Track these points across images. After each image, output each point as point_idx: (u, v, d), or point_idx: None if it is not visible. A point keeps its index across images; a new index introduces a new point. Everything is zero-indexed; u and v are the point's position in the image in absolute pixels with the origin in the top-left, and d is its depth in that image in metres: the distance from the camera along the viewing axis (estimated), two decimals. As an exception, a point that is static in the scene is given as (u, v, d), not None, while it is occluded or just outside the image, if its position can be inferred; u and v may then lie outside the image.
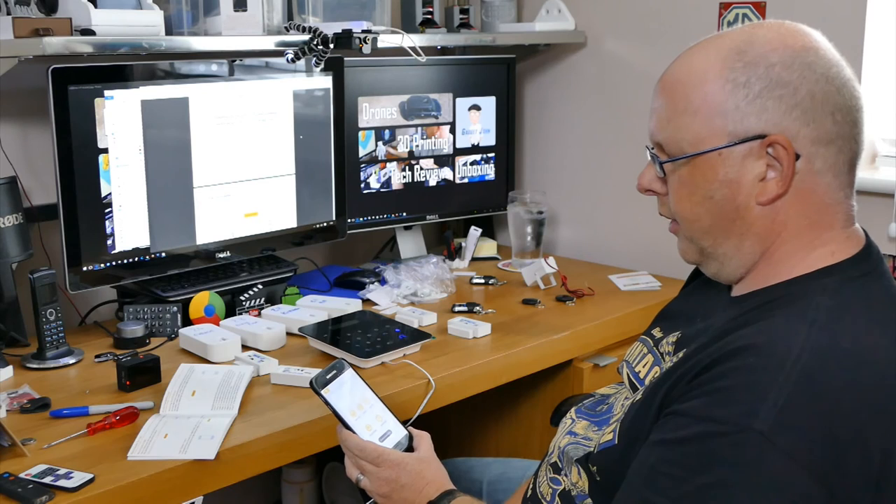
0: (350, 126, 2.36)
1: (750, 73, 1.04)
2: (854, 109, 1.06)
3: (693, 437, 0.97)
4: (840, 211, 1.08)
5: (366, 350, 1.76)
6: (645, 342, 1.28)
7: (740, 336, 1.01)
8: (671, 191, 1.12)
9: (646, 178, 1.16)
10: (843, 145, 1.05)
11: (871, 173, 2.16)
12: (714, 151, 1.06)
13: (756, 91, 1.04)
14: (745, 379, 0.96)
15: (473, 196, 2.64)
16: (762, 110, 1.03)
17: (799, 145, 1.03)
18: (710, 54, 1.07)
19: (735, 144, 1.05)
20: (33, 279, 1.75)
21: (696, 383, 1.00)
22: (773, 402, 0.93)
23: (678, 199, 1.12)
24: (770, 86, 1.03)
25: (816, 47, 1.06)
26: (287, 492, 2.49)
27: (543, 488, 1.27)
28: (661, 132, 1.11)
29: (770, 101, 1.03)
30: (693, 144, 1.07)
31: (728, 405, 0.95)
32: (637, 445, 1.06)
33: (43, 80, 1.78)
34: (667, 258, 1.97)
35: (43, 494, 1.26)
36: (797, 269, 1.08)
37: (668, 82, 1.10)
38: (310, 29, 2.07)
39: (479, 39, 2.51)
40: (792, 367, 0.95)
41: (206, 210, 2.07)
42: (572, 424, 1.28)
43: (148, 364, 1.67)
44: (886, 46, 2.13)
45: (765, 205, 1.06)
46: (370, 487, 1.28)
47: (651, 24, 2.44)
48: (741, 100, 1.04)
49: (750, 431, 0.93)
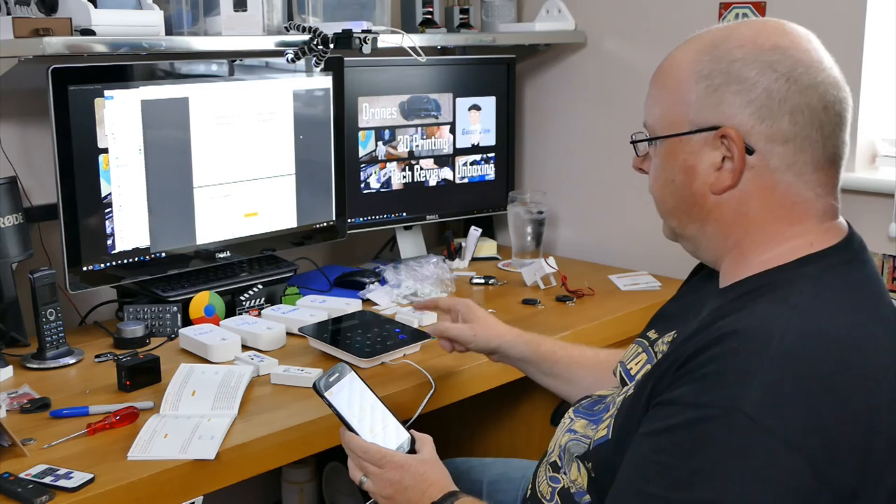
0: (350, 126, 2.36)
1: (713, 66, 1.09)
2: (823, 111, 1.06)
3: (681, 425, 0.98)
4: (812, 208, 1.09)
5: (366, 350, 1.76)
6: (640, 343, 1.29)
7: (724, 324, 1.02)
8: (649, 172, 1.20)
9: (637, 158, 1.23)
10: (803, 145, 1.06)
11: (871, 173, 2.16)
12: (675, 137, 1.12)
13: (716, 84, 1.08)
14: (730, 363, 0.97)
15: (473, 196, 2.64)
16: (719, 103, 1.08)
17: (753, 140, 1.07)
18: (690, 47, 1.13)
19: (693, 133, 1.10)
20: (33, 279, 1.75)
21: (683, 372, 1.01)
22: (759, 384, 0.94)
23: (651, 180, 1.19)
24: (728, 80, 1.07)
25: (786, 47, 1.07)
26: (287, 492, 2.49)
27: (543, 487, 1.27)
28: (645, 113, 1.19)
29: (727, 95, 1.08)
30: (663, 127, 1.14)
31: (714, 390, 0.97)
32: (629, 439, 1.07)
33: (43, 80, 1.78)
34: (667, 258, 1.97)
35: (43, 494, 1.26)
36: (775, 260, 1.09)
37: (657, 70, 1.18)
38: (310, 29, 2.07)
39: (479, 39, 2.51)
40: (776, 349, 0.96)
41: (206, 210, 2.07)
42: (571, 423, 1.29)
43: (148, 364, 1.67)
44: (886, 46, 2.13)
45: (717, 194, 1.10)
46: (373, 489, 1.29)
47: (651, 24, 2.44)
48: (702, 91, 1.09)
49: (737, 414, 0.94)
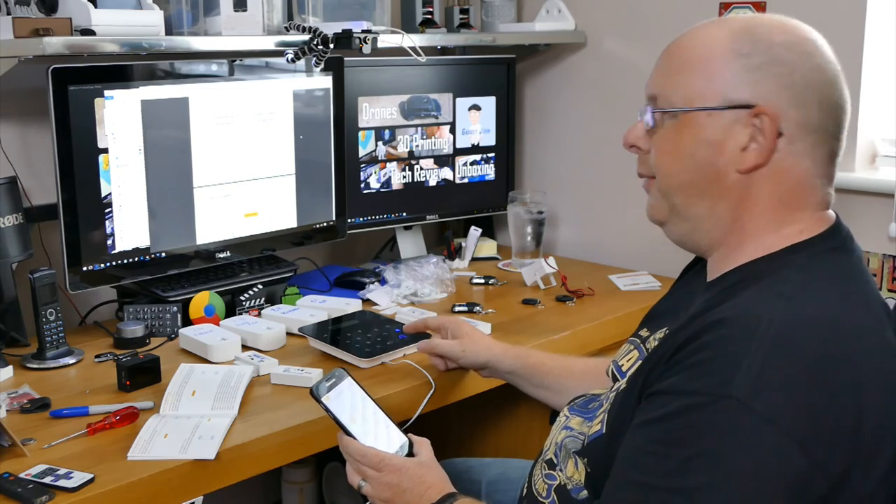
0: (350, 126, 2.36)
1: (753, 46, 1.09)
2: (839, 109, 1.11)
3: (672, 413, 0.98)
4: (814, 195, 1.11)
5: (366, 350, 1.76)
6: (632, 341, 1.30)
7: (713, 313, 1.03)
8: (655, 145, 1.16)
9: (633, 133, 1.19)
10: (824, 138, 1.10)
11: (871, 173, 2.16)
12: (704, 111, 1.10)
13: (756, 63, 1.08)
14: (719, 350, 0.98)
15: (473, 196, 2.64)
16: (757, 82, 1.08)
17: (784, 124, 1.08)
18: (720, 27, 1.13)
19: (725, 109, 1.09)
20: (33, 279, 1.75)
21: (673, 362, 1.02)
22: (748, 369, 0.95)
23: (660, 153, 1.15)
24: (769, 61, 1.08)
25: (817, 41, 1.11)
26: (287, 492, 2.49)
27: (539, 485, 1.27)
28: (656, 86, 1.16)
29: (766, 76, 1.08)
30: (686, 100, 1.12)
31: (704, 377, 0.98)
32: (622, 432, 1.08)
33: (43, 80, 1.78)
34: (667, 258, 1.97)
35: (43, 494, 1.26)
36: (767, 248, 1.10)
37: (673, 46, 1.16)
38: (310, 29, 2.07)
39: (479, 39, 2.51)
40: (763, 334, 0.97)
41: (206, 210, 2.07)
42: (567, 420, 1.30)
43: (148, 364, 1.68)
44: (886, 46, 2.13)
45: (743, 173, 1.10)
46: (372, 493, 1.29)
47: (651, 24, 2.44)
48: (740, 68, 1.09)
49: (727, 399, 0.95)
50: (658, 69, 1.17)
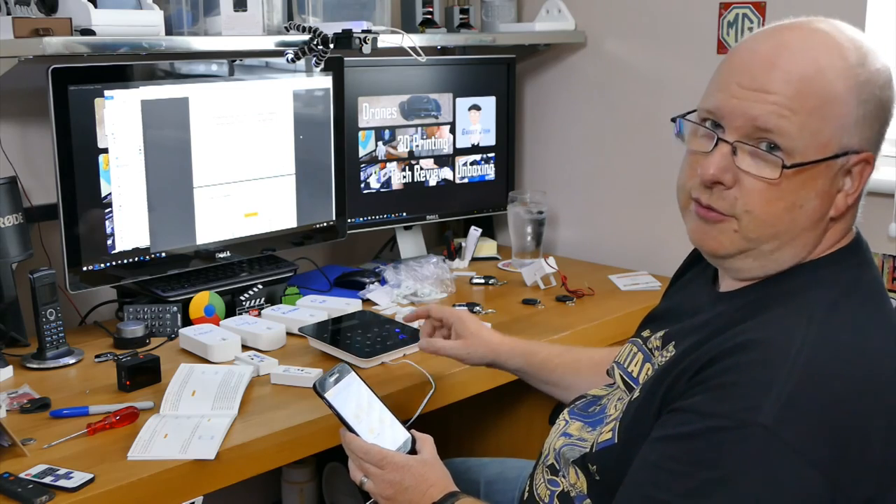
0: (350, 126, 2.36)
1: (869, 91, 1.04)
2: None
3: (697, 433, 0.97)
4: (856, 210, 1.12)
5: (366, 350, 1.76)
6: (635, 342, 1.29)
7: (739, 332, 1.02)
8: (751, 187, 1.03)
9: (717, 166, 1.04)
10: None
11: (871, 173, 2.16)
12: (824, 162, 1.02)
13: (870, 110, 1.05)
14: (748, 374, 0.97)
15: (473, 196, 2.64)
16: (867, 127, 1.05)
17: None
18: (832, 54, 1.02)
19: (838, 157, 1.04)
20: (33, 279, 1.75)
21: (698, 380, 1.01)
22: (777, 396, 0.94)
23: (761, 200, 1.03)
24: (878, 106, 1.05)
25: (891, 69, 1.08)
26: (287, 492, 2.49)
27: (541, 490, 1.27)
28: (781, 123, 1.01)
29: (873, 121, 1.05)
30: (819, 150, 1.02)
31: (731, 400, 0.96)
32: (637, 443, 1.06)
33: (43, 80, 1.78)
34: (667, 258, 1.97)
35: (43, 494, 1.26)
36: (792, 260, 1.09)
37: (789, 72, 1.02)
38: (310, 29, 2.07)
39: (479, 39, 2.51)
40: (794, 361, 0.96)
41: (206, 210, 2.07)
42: (566, 426, 1.29)
43: (148, 364, 1.68)
44: (886, 46, 2.12)
45: (836, 219, 1.07)
46: (374, 490, 1.29)
47: (651, 24, 2.44)
48: (860, 116, 1.04)
49: (754, 426, 0.94)
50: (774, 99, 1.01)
